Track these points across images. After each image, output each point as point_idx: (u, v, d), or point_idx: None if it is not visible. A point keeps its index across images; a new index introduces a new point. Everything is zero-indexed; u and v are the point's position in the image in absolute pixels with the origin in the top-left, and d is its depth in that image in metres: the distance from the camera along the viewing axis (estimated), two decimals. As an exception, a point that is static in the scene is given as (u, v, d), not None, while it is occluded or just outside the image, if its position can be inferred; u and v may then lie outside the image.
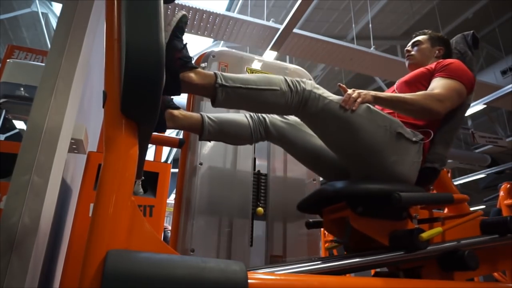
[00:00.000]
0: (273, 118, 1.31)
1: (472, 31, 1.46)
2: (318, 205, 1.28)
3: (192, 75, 0.99)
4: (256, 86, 1.03)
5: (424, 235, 1.01)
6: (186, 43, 0.99)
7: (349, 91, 1.10)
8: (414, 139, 1.14)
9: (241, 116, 1.28)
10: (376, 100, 1.13)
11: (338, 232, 1.25)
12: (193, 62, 1.00)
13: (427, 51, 1.46)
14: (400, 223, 1.12)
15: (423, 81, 1.30)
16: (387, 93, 1.19)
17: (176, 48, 0.96)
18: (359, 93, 1.10)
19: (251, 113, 1.29)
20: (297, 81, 1.08)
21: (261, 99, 1.04)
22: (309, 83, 1.09)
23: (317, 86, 1.10)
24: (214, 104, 1.03)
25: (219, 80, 1.00)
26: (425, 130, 1.20)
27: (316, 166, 1.34)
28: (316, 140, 1.26)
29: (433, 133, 1.20)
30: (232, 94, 1.01)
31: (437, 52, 1.45)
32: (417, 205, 1.16)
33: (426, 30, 1.52)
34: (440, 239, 1.16)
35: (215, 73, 1.01)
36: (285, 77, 1.08)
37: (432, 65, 1.32)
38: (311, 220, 1.41)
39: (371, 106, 1.11)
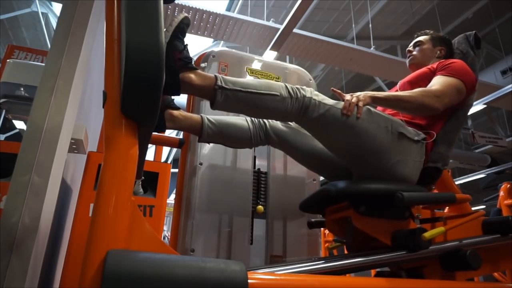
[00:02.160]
0: (273, 122, 1.31)
1: (474, 32, 1.46)
2: (320, 205, 1.28)
3: (192, 76, 1.00)
4: (255, 90, 1.03)
5: (427, 234, 1.00)
6: (187, 44, 0.99)
7: (347, 96, 1.09)
8: (416, 138, 1.15)
9: (241, 120, 1.28)
10: (374, 101, 1.13)
11: (340, 231, 1.26)
12: (193, 63, 1.01)
13: (429, 51, 1.46)
14: (403, 223, 1.12)
15: (426, 81, 1.30)
16: (385, 93, 1.18)
17: (177, 48, 0.97)
18: (357, 97, 1.09)
19: (251, 118, 1.30)
20: (297, 88, 1.08)
21: (261, 104, 1.04)
22: (309, 90, 1.09)
23: (317, 92, 1.10)
24: (213, 106, 1.03)
25: (218, 82, 1.00)
26: (428, 131, 1.20)
27: (318, 168, 1.35)
28: (317, 143, 1.27)
29: (435, 133, 1.19)
30: (231, 97, 1.01)
31: (438, 52, 1.45)
32: (420, 205, 1.15)
33: (427, 30, 1.52)
34: (442, 239, 1.15)
35: (215, 76, 1.02)
36: (286, 84, 1.08)
37: (434, 65, 1.32)
38: (313, 219, 1.41)
39: (371, 108, 1.12)
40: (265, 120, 1.30)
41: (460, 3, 5.68)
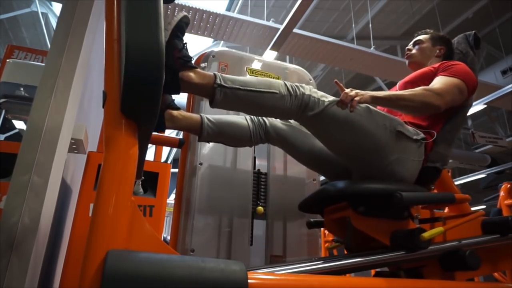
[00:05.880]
0: (273, 120, 1.31)
1: (474, 31, 1.46)
2: (319, 205, 1.28)
3: (191, 74, 1.00)
4: (255, 88, 1.03)
5: (426, 234, 1.00)
6: (186, 43, 1.00)
7: (347, 90, 1.08)
8: (415, 137, 1.14)
9: (241, 118, 1.28)
10: (374, 100, 1.11)
11: (339, 232, 1.26)
12: (192, 62, 1.01)
13: (428, 50, 1.45)
14: (402, 223, 1.12)
15: (426, 81, 1.28)
16: (385, 92, 1.17)
17: (176, 47, 0.97)
18: (356, 93, 1.09)
19: (251, 116, 1.30)
20: (296, 85, 1.08)
21: (260, 102, 1.04)
22: (308, 88, 1.10)
23: (316, 90, 1.11)
24: (212, 104, 1.03)
25: (218, 81, 1.00)
26: (428, 131, 1.20)
27: (318, 167, 1.35)
28: (317, 142, 1.27)
29: (436, 133, 1.19)
30: (231, 95, 1.01)
31: (437, 51, 1.44)
32: (419, 205, 1.15)
33: (428, 30, 1.52)
34: (441, 239, 1.15)
35: (214, 74, 1.02)
36: (285, 81, 1.09)
37: (436, 65, 1.32)
38: (312, 219, 1.41)
39: (370, 106, 1.11)
40: (264, 118, 1.30)
41: (460, 3, 5.68)
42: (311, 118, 1.08)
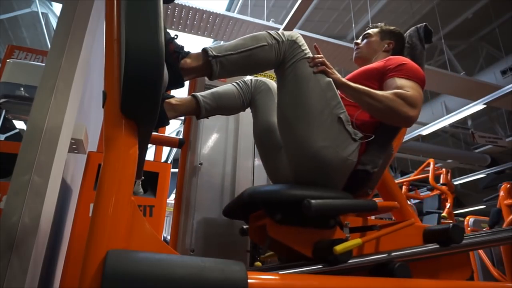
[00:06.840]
0: (255, 83, 1.31)
1: (424, 24, 1.38)
2: (243, 211, 1.17)
3: (187, 60, 1.02)
4: (245, 48, 1.05)
5: (338, 247, 0.89)
6: (176, 35, 1.02)
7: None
8: (353, 136, 1.07)
9: (229, 86, 1.28)
10: (342, 84, 1.09)
11: (262, 241, 1.13)
12: (184, 49, 1.03)
13: (375, 45, 1.38)
14: (327, 232, 1.01)
15: (368, 81, 1.19)
16: (356, 84, 1.11)
17: (169, 40, 0.99)
18: (332, 67, 1.09)
19: (237, 81, 1.30)
20: (282, 32, 1.10)
21: (253, 59, 1.06)
22: (294, 34, 1.11)
23: (302, 40, 1.11)
24: (211, 77, 1.04)
25: (210, 53, 1.02)
26: (366, 134, 1.10)
27: (262, 144, 1.29)
28: (272, 119, 1.24)
29: (369, 133, 1.10)
30: (226, 62, 1.03)
31: (386, 46, 1.37)
32: (334, 213, 1.02)
33: (379, 24, 1.45)
34: (372, 249, 1.07)
35: (204, 49, 1.03)
36: (267, 31, 1.10)
37: (381, 63, 1.23)
38: (244, 226, 1.30)
39: (333, 84, 1.08)
40: (250, 79, 1.31)
41: (460, 3, 5.68)
42: (285, 64, 1.08)
